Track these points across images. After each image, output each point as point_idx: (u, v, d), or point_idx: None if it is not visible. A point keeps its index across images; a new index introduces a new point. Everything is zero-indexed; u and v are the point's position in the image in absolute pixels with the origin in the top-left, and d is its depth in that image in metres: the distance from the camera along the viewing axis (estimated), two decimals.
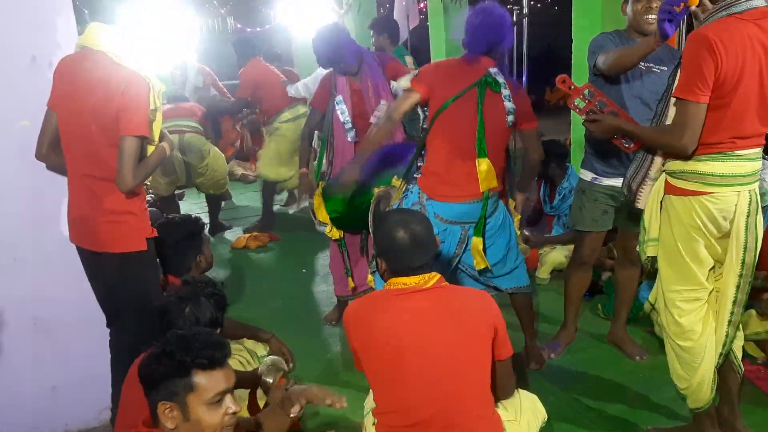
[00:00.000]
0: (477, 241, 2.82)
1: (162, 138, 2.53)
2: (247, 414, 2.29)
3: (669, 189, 2.33)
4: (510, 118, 2.82)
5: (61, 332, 2.77)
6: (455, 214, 2.82)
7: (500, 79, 2.78)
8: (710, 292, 2.39)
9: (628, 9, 2.86)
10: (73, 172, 2.47)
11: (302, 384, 1.83)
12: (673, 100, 2.24)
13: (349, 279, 3.68)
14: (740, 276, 2.29)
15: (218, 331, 2.71)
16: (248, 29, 9.13)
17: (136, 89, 2.32)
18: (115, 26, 2.41)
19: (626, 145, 2.56)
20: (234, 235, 5.84)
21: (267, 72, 5.67)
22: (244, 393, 2.44)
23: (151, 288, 2.54)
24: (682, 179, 2.28)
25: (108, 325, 2.64)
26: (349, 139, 3.52)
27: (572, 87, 2.57)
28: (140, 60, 2.43)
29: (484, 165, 2.75)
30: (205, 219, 5.47)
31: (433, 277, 1.98)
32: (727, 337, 2.37)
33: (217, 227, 5.93)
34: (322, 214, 3.47)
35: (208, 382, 1.59)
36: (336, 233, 3.54)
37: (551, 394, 2.97)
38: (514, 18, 5.84)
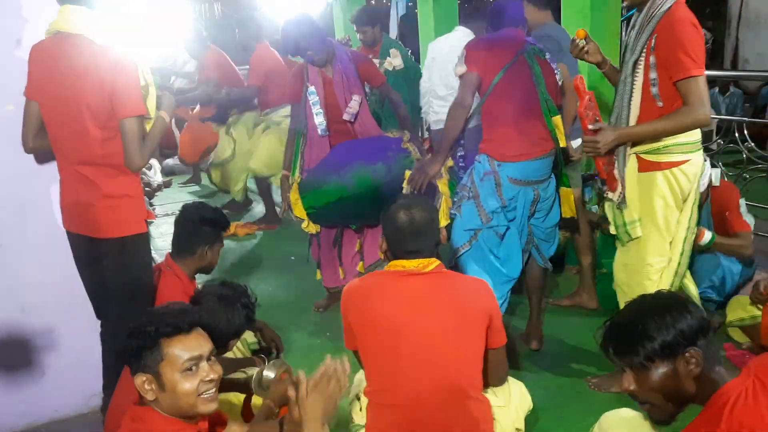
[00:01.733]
0: (566, 191, 3.09)
1: (159, 107, 2.49)
2: (241, 419, 2.28)
3: (649, 166, 2.48)
4: (558, 76, 3.05)
5: (49, 318, 2.76)
6: (529, 172, 2.93)
7: (540, 46, 3.02)
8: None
9: None
10: (63, 160, 2.42)
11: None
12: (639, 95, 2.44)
13: (341, 269, 3.70)
14: (688, 229, 2.57)
15: (234, 342, 2.74)
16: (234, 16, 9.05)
17: (124, 69, 2.27)
18: (89, 7, 2.30)
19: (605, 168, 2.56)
20: None
21: (277, 60, 5.34)
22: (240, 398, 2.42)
23: (146, 272, 2.54)
24: (666, 153, 2.44)
25: (98, 316, 2.61)
26: (320, 132, 3.48)
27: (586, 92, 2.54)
28: (121, 39, 2.36)
29: (557, 120, 2.96)
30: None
31: (433, 263, 2.03)
32: (672, 286, 2.61)
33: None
34: (299, 210, 3.45)
35: (176, 349, 1.60)
36: (312, 228, 3.53)
37: (541, 379, 3.00)
38: None
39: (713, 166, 3.36)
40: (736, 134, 4.93)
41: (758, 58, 9.07)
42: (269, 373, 2.15)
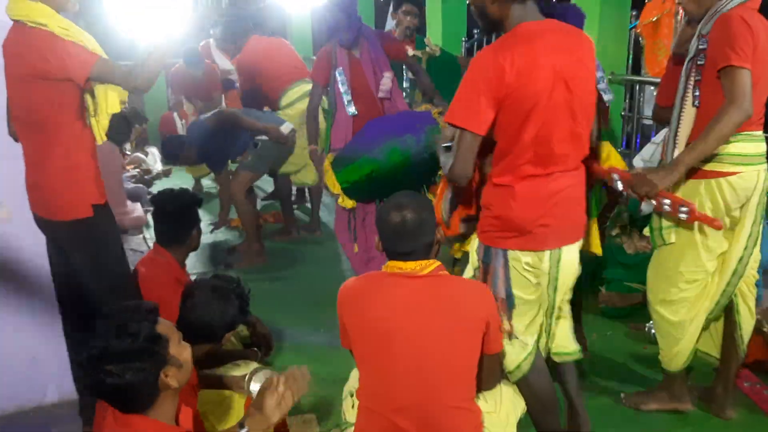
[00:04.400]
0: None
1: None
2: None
3: (695, 174, 2.39)
4: None
5: (40, 303, 2.74)
6: None
7: None
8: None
9: None
10: (22, 140, 2.38)
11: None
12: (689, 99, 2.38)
13: (354, 245, 3.70)
14: (745, 249, 2.47)
15: (229, 336, 2.70)
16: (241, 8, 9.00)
17: (62, 43, 2.20)
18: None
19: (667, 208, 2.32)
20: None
21: (266, 47, 4.91)
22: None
23: (108, 261, 2.45)
24: (716, 162, 2.36)
25: (59, 301, 2.56)
26: (349, 113, 3.58)
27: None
28: (71, 27, 2.27)
29: None
30: None
31: (431, 265, 1.94)
32: (718, 305, 2.56)
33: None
34: (333, 185, 3.50)
35: (166, 325, 1.60)
36: (349, 203, 3.54)
37: None
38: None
39: None
40: None
41: None
42: (255, 386, 2.13)
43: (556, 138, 2.03)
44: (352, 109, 3.57)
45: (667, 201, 2.29)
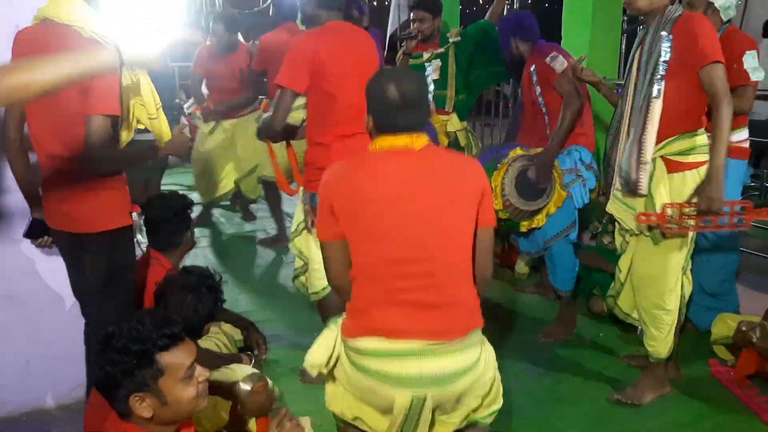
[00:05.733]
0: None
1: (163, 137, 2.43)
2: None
3: (678, 167, 2.60)
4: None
5: (35, 307, 2.74)
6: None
7: None
8: None
9: None
10: (43, 153, 2.30)
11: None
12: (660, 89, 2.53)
13: None
14: None
15: (209, 326, 2.68)
16: (236, 10, 8.99)
17: (106, 65, 2.07)
18: None
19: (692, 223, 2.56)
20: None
21: (279, 42, 4.41)
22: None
23: (130, 270, 2.46)
24: (695, 154, 2.59)
25: (83, 315, 2.51)
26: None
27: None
28: (113, 33, 2.16)
29: None
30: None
31: (422, 138, 1.90)
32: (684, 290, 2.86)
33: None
34: None
35: (175, 360, 1.56)
36: None
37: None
38: (505, 12, 5.81)
39: None
40: None
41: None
42: (245, 386, 2.14)
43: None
44: None
45: (726, 208, 2.51)
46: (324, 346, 2.00)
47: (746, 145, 3.31)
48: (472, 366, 1.87)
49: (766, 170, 5.83)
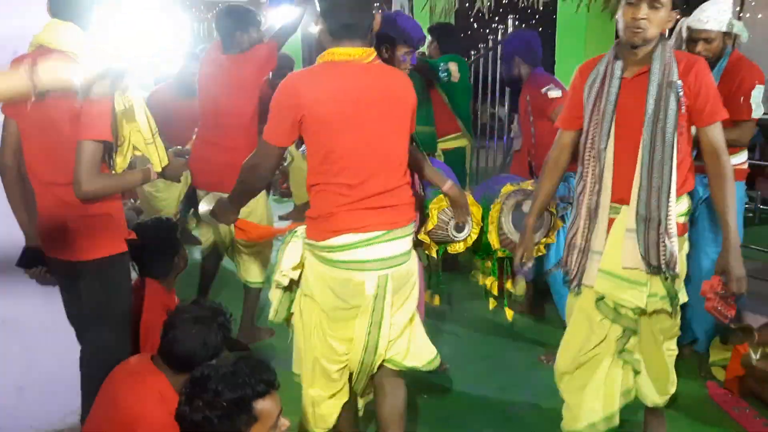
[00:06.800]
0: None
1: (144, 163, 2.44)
2: None
3: (684, 229, 2.37)
4: None
5: (28, 333, 2.73)
6: None
7: None
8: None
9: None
10: (38, 181, 2.32)
11: None
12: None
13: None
14: None
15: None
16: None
17: (96, 90, 2.10)
18: (78, 24, 2.20)
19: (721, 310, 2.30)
20: None
21: None
22: None
23: (125, 296, 2.45)
24: (686, 215, 2.38)
25: (79, 340, 2.52)
26: None
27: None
28: (104, 59, 2.15)
29: None
30: None
31: (372, 53, 2.16)
32: None
33: None
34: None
35: (269, 407, 1.60)
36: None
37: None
38: (499, 37, 5.87)
39: None
40: None
41: None
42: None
43: None
44: None
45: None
46: (293, 251, 2.30)
47: (746, 166, 3.20)
48: (411, 250, 2.29)
49: (760, 192, 5.86)
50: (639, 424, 2.73)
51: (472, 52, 6.22)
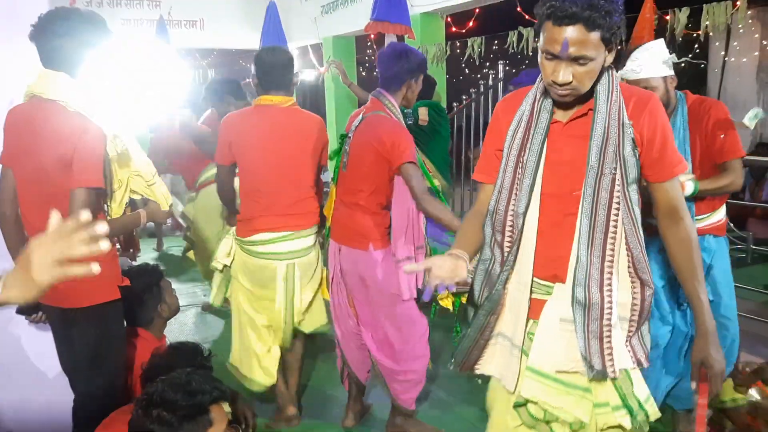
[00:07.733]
0: None
1: (145, 203, 2.47)
2: None
3: None
4: None
5: (22, 381, 2.71)
6: None
7: None
8: None
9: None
10: (31, 228, 2.30)
11: None
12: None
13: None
14: None
15: None
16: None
17: (88, 138, 2.17)
18: (69, 74, 2.22)
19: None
20: None
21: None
22: None
23: (121, 342, 2.43)
24: None
25: (72, 389, 2.47)
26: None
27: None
28: (96, 108, 2.27)
29: None
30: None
31: (290, 100, 2.98)
32: None
33: None
34: None
35: (221, 412, 1.73)
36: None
37: None
38: (490, 82, 5.97)
39: None
40: None
41: None
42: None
43: None
44: None
45: None
46: (226, 245, 3.29)
47: (724, 220, 2.91)
48: (312, 246, 3.06)
49: (752, 233, 5.88)
50: None
51: (464, 97, 6.31)
